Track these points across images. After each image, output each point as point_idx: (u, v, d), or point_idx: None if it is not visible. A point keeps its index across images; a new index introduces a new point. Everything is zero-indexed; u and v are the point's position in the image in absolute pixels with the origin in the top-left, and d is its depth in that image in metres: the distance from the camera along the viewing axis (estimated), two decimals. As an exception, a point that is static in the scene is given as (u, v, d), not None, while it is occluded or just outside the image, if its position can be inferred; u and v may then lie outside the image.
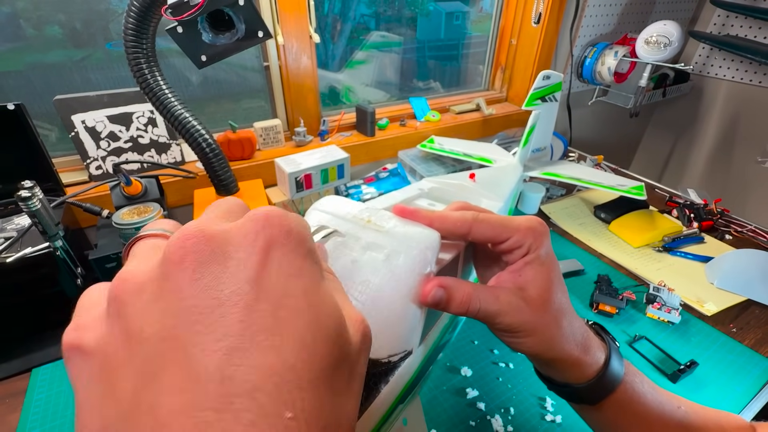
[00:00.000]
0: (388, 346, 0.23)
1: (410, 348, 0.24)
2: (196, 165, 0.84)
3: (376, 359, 0.22)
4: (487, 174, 0.57)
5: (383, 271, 0.23)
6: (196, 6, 0.52)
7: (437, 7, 1.17)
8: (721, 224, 0.88)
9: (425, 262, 0.23)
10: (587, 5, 1.15)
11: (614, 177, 0.87)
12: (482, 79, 1.33)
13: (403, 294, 0.23)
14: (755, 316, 0.65)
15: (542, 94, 0.79)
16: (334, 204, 0.27)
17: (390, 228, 0.24)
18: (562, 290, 0.28)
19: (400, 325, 0.23)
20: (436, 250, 0.24)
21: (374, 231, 0.24)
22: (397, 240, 0.24)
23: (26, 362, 0.54)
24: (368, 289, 0.22)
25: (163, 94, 0.60)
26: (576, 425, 0.48)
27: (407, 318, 0.23)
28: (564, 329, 0.27)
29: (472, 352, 0.57)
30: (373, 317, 0.20)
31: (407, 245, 0.23)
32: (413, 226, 0.25)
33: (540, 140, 0.86)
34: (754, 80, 1.38)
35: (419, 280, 0.23)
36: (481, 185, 0.50)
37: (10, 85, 0.73)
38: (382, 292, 0.22)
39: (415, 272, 0.23)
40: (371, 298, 0.22)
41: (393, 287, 0.22)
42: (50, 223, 0.52)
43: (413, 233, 0.24)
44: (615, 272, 0.74)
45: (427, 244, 0.24)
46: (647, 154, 1.80)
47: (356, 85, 1.14)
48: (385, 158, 1.04)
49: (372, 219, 0.25)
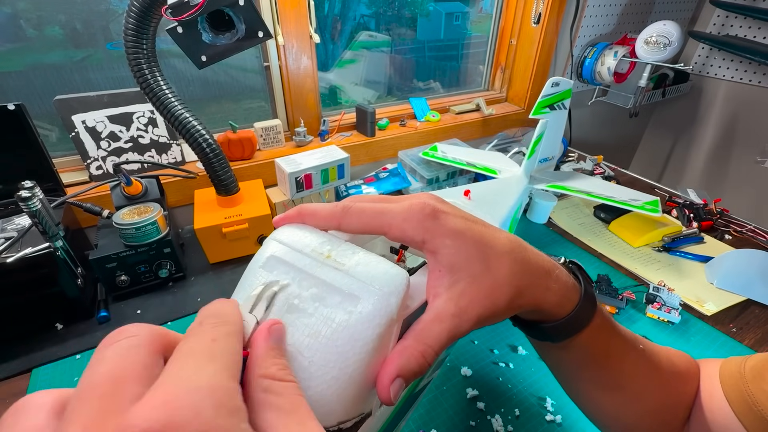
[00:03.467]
0: (339, 411, 0.19)
1: (367, 410, 0.21)
2: (197, 165, 0.84)
3: (324, 428, 0.18)
4: (484, 189, 0.53)
5: (336, 321, 0.19)
6: (196, 6, 0.52)
7: (437, 8, 1.17)
8: (720, 224, 0.88)
9: (386, 311, 0.20)
10: (587, 5, 1.15)
11: (627, 190, 0.81)
12: (482, 79, 1.33)
13: (357, 349, 0.19)
14: (755, 316, 0.65)
15: (551, 102, 0.75)
16: (295, 234, 0.24)
17: (351, 266, 0.21)
18: (497, 250, 0.24)
19: (352, 386, 0.19)
20: (401, 295, 0.20)
21: (332, 269, 0.21)
22: (357, 282, 0.20)
23: (26, 362, 0.54)
24: (317, 342, 0.19)
25: (164, 94, 0.60)
26: (576, 425, 0.48)
27: (362, 378, 0.19)
28: (524, 287, 0.24)
29: (472, 352, 0.57)
30: (320, 377, 0.18)
31: (367, 289, 0.20)
32: (378, 264, 0.21)
33: (548, 150, 0.81)
34: (753, 80, 1.38)
35: (378, 333, 0.19)
36: (476, 203, 0.46)
37: (10, 86, 0.73)
38: (332, 346, 0.19)
39: (373, 323, 0.19)
40: (320, 354, 0.19)
41: (346, 341, 0.19)
42: (50, 223, 0.52)
43: (376, 274, 0.20)
44: (615, 272, 0.74)
45: (392, 288, 0.20)
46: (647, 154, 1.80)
47: (346, 84, 1.15)
48: (385, 158, 1.04)
49: (332, 254, 0.22)
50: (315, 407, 0.18)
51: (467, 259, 0.23)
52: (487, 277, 0.23)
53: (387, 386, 0.19)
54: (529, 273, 0.25)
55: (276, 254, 0.22)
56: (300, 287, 0.21)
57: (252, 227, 0.70)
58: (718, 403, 0.30)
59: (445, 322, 0.21)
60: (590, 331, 0.28)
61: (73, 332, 0.58)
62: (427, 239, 0.23)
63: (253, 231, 0.71)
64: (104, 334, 0.62)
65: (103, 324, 0.60)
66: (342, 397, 0.19)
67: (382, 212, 0.23)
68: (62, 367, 0.54)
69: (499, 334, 0.60)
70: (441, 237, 0.23)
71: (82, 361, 0.55)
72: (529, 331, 0.30)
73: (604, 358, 0.30)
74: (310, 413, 0.16)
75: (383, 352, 0.20)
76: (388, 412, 0.25)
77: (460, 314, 0.22)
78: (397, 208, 0.23)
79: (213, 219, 0.68)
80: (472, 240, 0.23)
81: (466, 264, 0.23)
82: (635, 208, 0.74)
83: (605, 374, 0.31)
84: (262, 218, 0.71)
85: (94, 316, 0.60)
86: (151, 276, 0.65)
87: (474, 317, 0.22)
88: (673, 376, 0.32)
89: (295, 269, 0.22)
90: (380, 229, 0.23)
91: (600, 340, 0.29)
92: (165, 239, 0.63)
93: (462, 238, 0.23)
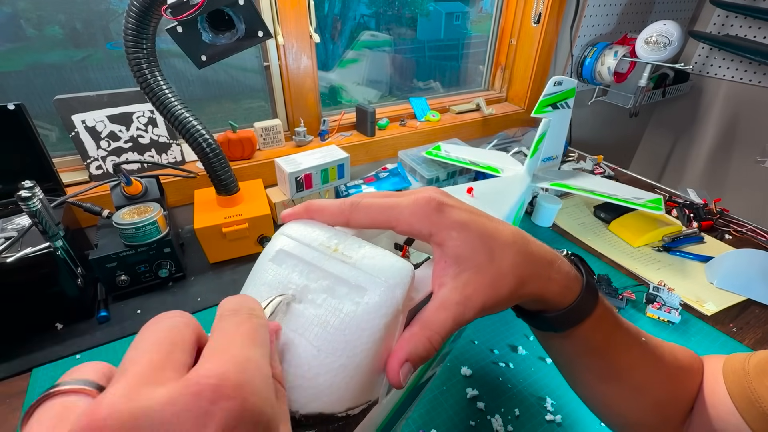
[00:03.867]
0: (347, 398, 0.19)
1: (374, 397, 0.21)
2: (197, 165, 0.84)
3: (331, 413, 0.19)
4: (487, 187, 0.54)
5: (344, 312, 0.20)
6: (195, 6, 0.52)
7: (437, 8, 1.17)
8: (720, 224, 0.88)
9: (392, 302, 0.20)
10: (587, 5, 1.15)
11: (630, 189, 0.81)
12: (482, 79, 1.33)
13: (364, 339, 0.20)
14: (755, 316, 0.65)
15: (553, 101, 0.75)
16: (303, 229, 0.25)
17: (357, 259, 0.22)
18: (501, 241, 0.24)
19: (359, 374, 0.20)
20: (406, 287, 0.21)
21: (339, 262, 0.22)
22: (363, 274, 0.21)
23: (26, 362, 0.54)
24: (325, 332, 0.20)
25: (163, 94, 0.60)
26: (576, 425, 0.48)
27: (369, 366, 0.20)
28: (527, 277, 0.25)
29: (472, 352, 0.57)
30: (329, 365, 0.19)
31: (373, 281, 0.21)
32: (384, 257, 0.22)
33: (551, 149, 0.81)
34: (753, 80, 1.38)
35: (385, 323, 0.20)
36: (479, 200, 0.47)
37: (10, 85, 0.73)
38: (340, 335, 0.20)
39: (380, 313, 0.20)
40: (328, 343, 0.19)
41: (353, 331, 0.20)
42: (50, 222, 0.52)
43: (382, 266, 0.21)
44: (615, 272, 0.74)
45: (397, 280, 0.21)
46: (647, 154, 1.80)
47: (348, 84, 1.15)
48: (385, 158, 1.04)
49: (339, 247, 0.23)
50: (324, 394, 0.19)
51: (472, 250, 0.23)
52: (491, 267, 0.23)
53: (397, 370, 0.20)
54: (532, 263, 0.25)
55: (285, 248, 0.23)
56: (308, 279, 0.22)
57: (252, 227, 0.70)
58: (720, 399, 0.31)
59: (449, 310, 0.22)
60: (592, 321, 0.29)
61: (73, 332, 0.58)
62: (433, 232, 0.23)
63: (253, 231, 0.71)
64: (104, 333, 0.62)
65: (103, 324, 0.60)
66: (350, 384, 0.19)
67: (389, 207, 0.24)
68: (62, 366, 0.54)
69: (499, 334, 0.60)
70: (447, 229, 0.23)
71: (82, 360, 0.55)
72: (531, 321, 0.31)
73: (605, 349, 0.30)
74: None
75: (389, 341, 0.21)
76: (393, 401, 0.25)
77: (465, 302, 0.23)
78: (403, 202, 0.24)
79: (213, 219, 0.68)
80: (477, 232, 0.24)
81: (471, 255, 0.23)
82: (638, 206, 0.74)
83: (606, 365, 0.31)
84: (262, 218, 0.71)
85: (94, 315, 0.60)
86: (151, 276, 0.65)
87: (478, 305, 0.23)
88: (676, 370, 0.32)
89: (303, 262, 0.23)
90: (388, 224, 0.24)
91: (602, 330, 0.30)
92: (165, 239, 0.63)
93: (467, 230, 0.24)
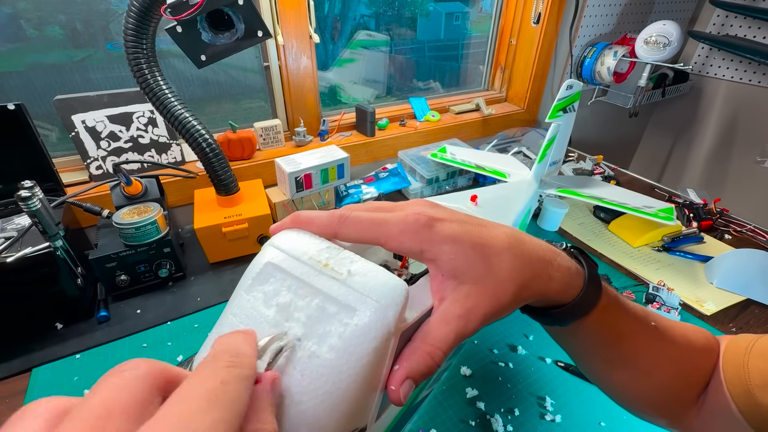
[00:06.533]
0: (332, 427, 0.18)
1: (362, 425, 0.20)
2: (197, 165, 0.84)
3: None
4: (492, 194, 0.52)
5: (331, 335, 0.19)
6: (195, 5, 0.52)
7: (437, 8, 1.17)
8: (720, 224, 0.88)
9: (383, 324, 0.19)
10: (587, 5, 1.15)
11: (640, 197, 0.79)
12: (482, 79, 1.33)
13: (352, 363, 0.18)
14: (755, 316, 0.65)
15: (565, 105, 0.73)
16: (293, 240, 0.23)
17: (348, 276, 0.20)
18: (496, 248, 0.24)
19: (346, 401, 0.18)
20: (398, 308, 0.20)
21: (329, 278, 0.20)
22: (354, 293, 0.20)
23: (26, 362, 0.54)
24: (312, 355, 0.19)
25: (163, 94, 0.60)
26: (576, 425, 0.48)
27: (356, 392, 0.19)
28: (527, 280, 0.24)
29: (472, 351, 0.57)
30: (312, 392, 0.18)
31: (364, 301, 0.19)
32: (377, 274, 0.20)
33: (557, 153, 0.79)
34: (753, 80, 1.38)
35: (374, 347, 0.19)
36: (483, 209, 0.45)
37: (10, 85, 0.73)
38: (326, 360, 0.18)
39: (369, 337, 0.19)
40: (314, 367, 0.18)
41: (340, 355, 0.18)
42: (50, 222, 0.52)
43: (374, 285, 0.20)
44: (614, 272, 0.74)
45: (389, 300, 0.19)
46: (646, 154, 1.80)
47: (345, 83, 1.15)
48: (384, 158, 1.04)
49: (330, 262, 0.21)
50: (307, 423, 0.18)
51: (467, 263, 0.23)
52: (490, 277, 0.23)
53: (397, 387, 0.20)
54: (530, 266, 0.25)
55: (273, 261, 0.22)
56: (296, 296, 0.21)
57: (252, 227, 0.70)
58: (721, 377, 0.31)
59: (451, 324, 0.22)
60: (598, 312, 0.29)
61: (73, 332, 0.58)
62: (424, 249, 0.23)
63: (253, 231, 0.71)
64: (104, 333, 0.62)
65: (103, 323, 0.60)
66: (335, 412, 0.18)
67: (378, 223, 0.23)
68: (62, 366, 0.54)
69: (499, 334, 0.60)
70: (438, 244, 0.23)
71: (81, 360, 0.55)
72: (537, 317, 0.31)
73: (614, 337, 0.31)
74: None
75: (379, 367, 0.20)
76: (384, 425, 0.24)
77: (467, 315, 0.22)
78: (393, 219, 0.23)
79: (213, 219, 0.68)
80: (470, 243, 0.23)
81: (467, 267, 0.23)
82: (649, 216, 0.72)
83: (616, 352, 0.31)
84: (261, 218, 0.71)
85: (93, 315, 0.60)
86: (150, 276, 0.65)
87: (480, 317, 0.22)
88: (688, 351, 0.32)
89: (291, 277, 0.21)
90: (377, 241, 0.23)
91: (609, 320, 0.30)
92: (165, 239, 0.63)
93: (460, 243, 0.23)
